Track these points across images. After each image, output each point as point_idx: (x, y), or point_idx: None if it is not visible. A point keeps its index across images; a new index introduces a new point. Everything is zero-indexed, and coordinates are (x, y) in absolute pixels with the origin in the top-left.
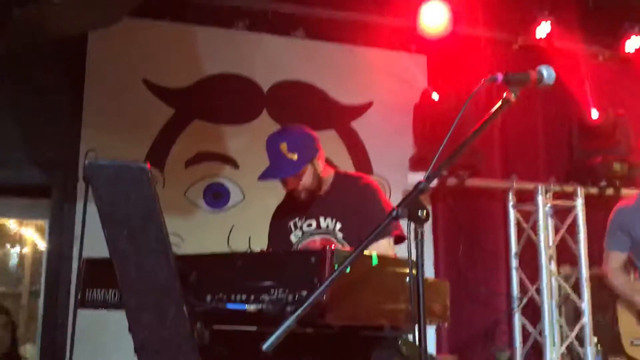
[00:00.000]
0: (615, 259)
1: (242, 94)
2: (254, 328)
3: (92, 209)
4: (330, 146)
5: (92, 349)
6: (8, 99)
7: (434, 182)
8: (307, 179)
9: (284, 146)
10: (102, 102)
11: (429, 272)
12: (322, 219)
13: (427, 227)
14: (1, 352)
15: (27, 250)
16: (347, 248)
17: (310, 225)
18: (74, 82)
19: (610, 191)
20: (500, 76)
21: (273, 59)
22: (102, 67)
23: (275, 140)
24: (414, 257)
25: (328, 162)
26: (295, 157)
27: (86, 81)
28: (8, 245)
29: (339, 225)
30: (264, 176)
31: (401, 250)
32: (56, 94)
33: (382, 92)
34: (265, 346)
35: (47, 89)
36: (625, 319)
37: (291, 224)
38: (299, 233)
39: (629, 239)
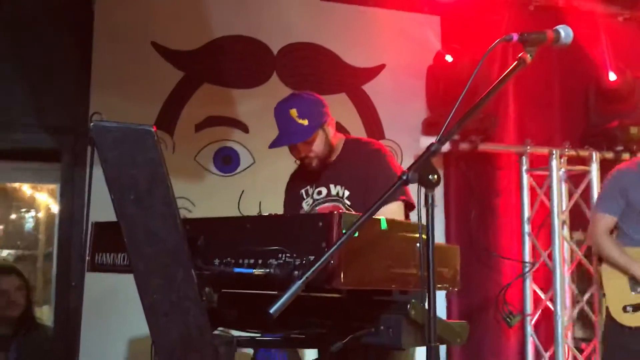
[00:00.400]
0: (605, 223)
1: (252, 57)
2: (262, 291)
3: (101, 172)
4: (341, 110)
5: (105, 312)
6: (17, 64)
7: (447, 146)
8: (317, 145)
9: (294, 112)
10: (111, 66)
11: (440, 236)
12: (332, 186)
13: (439, 191)
14: (17, 314)
15: (41, 214)
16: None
17: (320, 193)
18: (82, 45)
19: (626, 156)
20: (515, 35)
21: (283, 20)
22: (110, 30)
23: (284, 106)
24: (424, 222)
25: (338, 128)
26: (305, 122)
27: (94, 44)
28: (23, 210)
29: (347, 193)
30: (275, 144)
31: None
32: (65, 58)
33: (394, 54)
34: (272, 310)
35: (56, 54)
36: (612, 285)
37: (302, 192)
38: (309, 201)
39: (623, 202)
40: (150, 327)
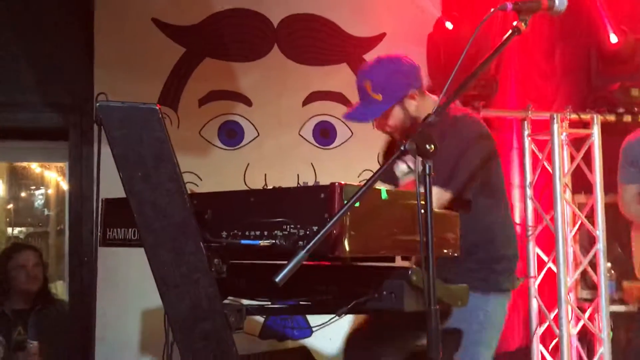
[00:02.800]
0: (628, 192)
1: (253, 30)
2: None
3: (108, 149)
4: (343, 80)
5: (118, 285)
6: (21, 43)
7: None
8: (394, 120)
9: (368, 85)
10: (113, 43)
11: None
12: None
13: None
14: (35, 289)
15: (51, 191)
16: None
17: (408, 166)
18: (84, 24)
19: (628, 118)
20: (510, 5)
21: None
22: (111, 8)
23: (361, 76)
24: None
25: (340, 98)
26: (379, 97)
27: (95, 23)
28: (32, 187)
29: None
30: (349, 116)
31: None
32: (67, 37)
33: (395, 22)
34: (277, 279)
35: (58, 33)
36: (638, 246)
37: (398, 169)
38: (404, 168)
39: (638, 171)
40: (162, 299)
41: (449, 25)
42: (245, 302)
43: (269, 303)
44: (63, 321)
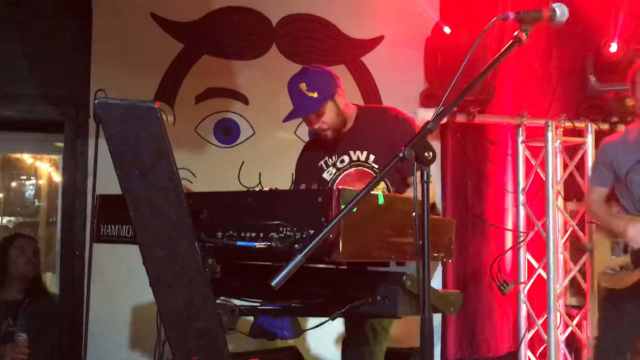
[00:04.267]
0: (596, 193)
1: (252, 28)
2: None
3: (104, 145)
4: (340, 81)
5: (109, 280)
6: (18, 36)
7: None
8: (329, 116)
9: (303, 86)
10: (111, 38)
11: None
12: (352, 153)
13: (436, 161)
14: (32, 276)
15: (42, 182)
16: None
17: (342, 161)
18: (82, 17)
19: (621, 127)
20: (512, 14)
21: None
22: (110, 2)
23: (294, 82)
24: (419, 197)
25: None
26: (315, 95)
27: (94, 16)
28: (23, 177)
29: (372, 157)
30: (289, 117)
31: None
32: (65, 30)
33: (393, 26)
34: (273, 283)
35: (57, 26)
36: (598, 251)
37: (322, 163)
38: (332, 170)
39: (611, 174)
40: (155, 297)
41: (446, 29)
42: (236, 301)
43: (261, 304)
44: (53, 314)
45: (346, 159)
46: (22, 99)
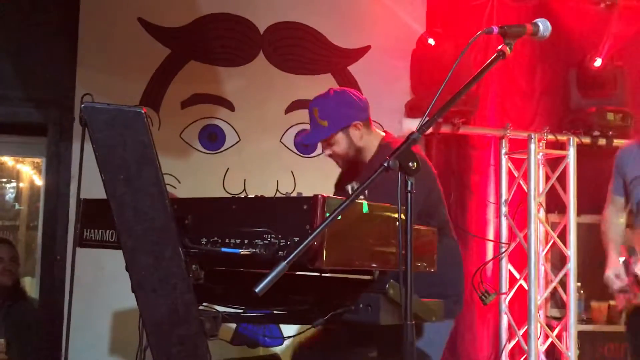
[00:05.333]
0: (613, 203)
1: (239, 35)
2: (247, 269)
3: (88, 148)
4: (326, 89)
5: (88, 285)
6: (3, 38)
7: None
8: (339, 147)
9: (316, 111)
10: (97, 41)
11: None
12: None
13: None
14: (10, 284)
15: (23, 185)
16: None
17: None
18: (68, 20)
19: (602, 141)
20: (496, 28)
21: None
22: (97, 5)
23: (312, 103)
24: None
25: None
26: (325, 123)
27: (80, 19)
28: (4, 180)
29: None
30: (298, 140)
31: None
32: (51, 32)
33: (380, 36)
34: (257, 289)
35: (42, 27)
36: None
37: (349, 187)
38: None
39: (622, 181)
40: (138, 302)
41: (431, 41)
42: (220, 308)
43: (244, 311)
44: (32, 319)
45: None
46: (6, 101)
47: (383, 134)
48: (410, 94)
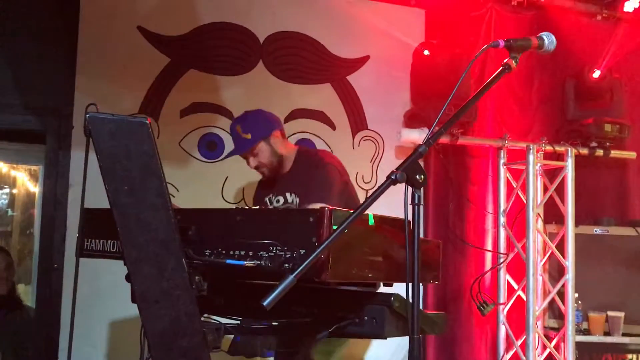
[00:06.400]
0: None
1: (239, 44)
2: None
3: (89, 157)
4: (325, 100)
5: (87, 295)
6: (2, 46)
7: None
8: (263, 156)
9: (239, 128)
10: (97, 49)
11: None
12: (287, 195)
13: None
14: (4, 292)
15: (16, 192)
16: None
17: (279, 201)
18: (68, 27)
19: (600, 152)
20: (502, 42)
21: (270, 8)
22: (96, 13)
23: (234, 123)
24: (410, 218)
25: (323, 118)
26: (248, 136)
27: (80, 27)
28: None
29: (297, 200)
30: (228, 155)
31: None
32: (50, 40)
33: (379, 46)
34: (265, 302)
35: (41, 35)
36: None
37: (267, 199)
38: (281, 199)
39: None
40: (141, 313)
41: (426, 52)
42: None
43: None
44: (28, 327)
45: (281, 199)
46: (4, 109)
47: (293, 145)
48: (409, 103)
